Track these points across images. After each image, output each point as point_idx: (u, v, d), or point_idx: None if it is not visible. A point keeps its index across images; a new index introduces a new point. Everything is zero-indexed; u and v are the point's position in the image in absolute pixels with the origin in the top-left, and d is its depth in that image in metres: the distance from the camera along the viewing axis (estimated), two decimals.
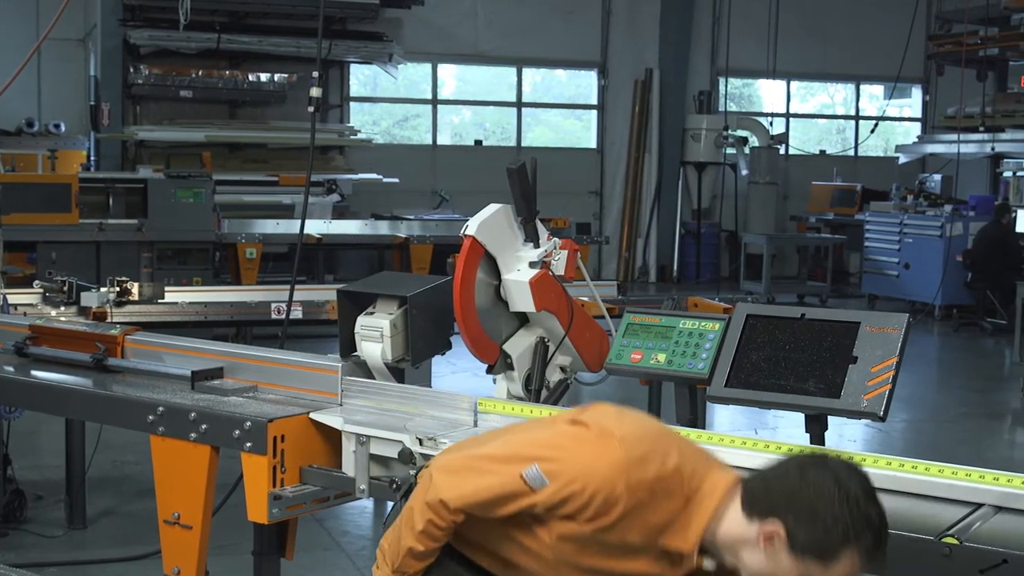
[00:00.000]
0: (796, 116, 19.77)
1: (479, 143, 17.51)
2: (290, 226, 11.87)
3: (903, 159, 18.37)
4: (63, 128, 14.29)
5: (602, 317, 3.90)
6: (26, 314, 5.39)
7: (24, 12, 14.12)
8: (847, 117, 20.26)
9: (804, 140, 19.96)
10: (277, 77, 14.97)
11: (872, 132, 18.62)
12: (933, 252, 14.16)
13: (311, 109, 4.97)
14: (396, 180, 15.43)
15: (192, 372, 3.59)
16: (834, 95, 20.48)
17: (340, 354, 3.55)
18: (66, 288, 5.72)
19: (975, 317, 13.67)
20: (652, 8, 17.66)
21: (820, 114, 20.59)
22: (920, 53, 18.15)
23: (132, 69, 14.31)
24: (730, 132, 16.83)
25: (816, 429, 3.25)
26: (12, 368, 3.94)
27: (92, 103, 14.40)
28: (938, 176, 16.81)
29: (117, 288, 5.77)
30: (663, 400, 5.54)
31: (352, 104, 16.67)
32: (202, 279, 10.64)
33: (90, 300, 5.68)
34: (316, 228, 11.93)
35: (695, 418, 3.57)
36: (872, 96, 20.20)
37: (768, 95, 19.52)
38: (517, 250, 3.53)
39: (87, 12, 14.60)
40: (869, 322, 3.13)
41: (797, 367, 3.16)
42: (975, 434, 8.80)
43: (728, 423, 8.35)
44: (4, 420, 5.51)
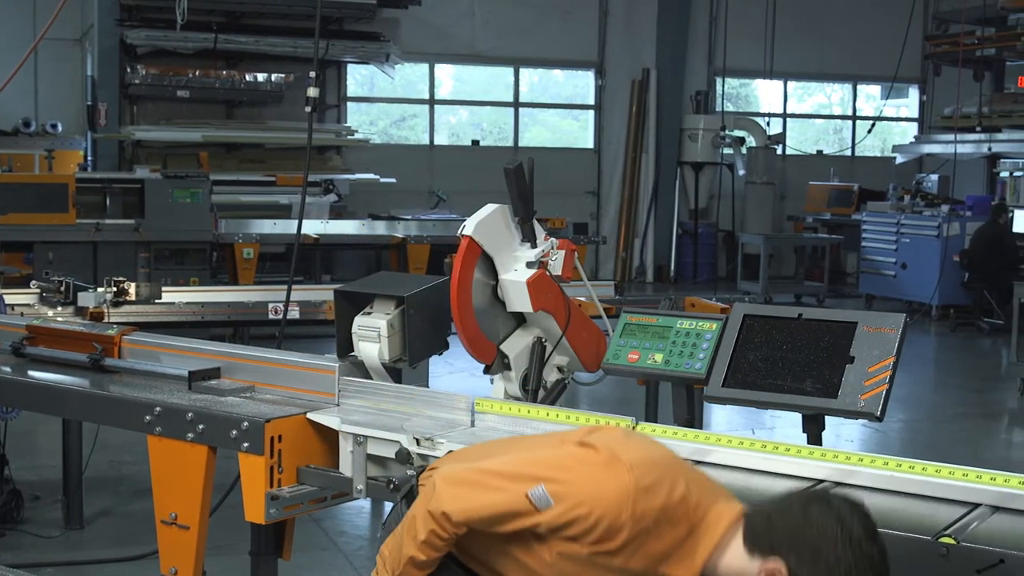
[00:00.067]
0: (793, 116, 19.77)
1: (476, 143, 17.50)
2: (287, 226, 11.88)
3: (900, 159, 18.38)
4: (60, 128, 14.29)
5: (599, 317, 3.89)
6: (23, 314, 5.39)
7: (21, 12, 14.11)
8: (844, 117, 20.26)
9: (801, 140, 19.97)
10: (274, 77, 14.97)
11: (869, 132, 18.66)
12: (930, 252, 14.17)
13: (308, 109, 4.97)
14: (393, 180, 15.44)
15: (189, 372, 3.59)
16: (831, 95, 20.49)
17: (337, 354, 3.55)
18: (63, 288, 5.71)
19: (972, 317, 13.68)
20: (649, 8, 17.66)
21: (817, 114, 20.60)
22: (917, 53, 18.17)
23: (129, 69, 14.30)
24: (727, 132, 16.82)
25: (813, 429, 3.24)
26: (9, 368, 3.93)
27: (89, 103, 14.40)
28: (935, 176, 16.82)
29: (114, 288, 5.77)
30: (660, 400, 5.56)
31: (349, 104, 16.66)
32: (199, 279, 10.63)
33: (87, 300, 5.68)
34: (313, 228, 11.93)
35: (692, 418, 3.56)
36: (869, 96, 20.21)
37: (765, 95, 19.54)
38: (514, 250, 3.53)
39: (84, 12, 14.59)
40: (866, 322, 3.13)
41: (794, 367, 3.16)
42: (972, 434, 8.81)
43: (725, 423, 8.35)
44: (1, 420, 5.50)
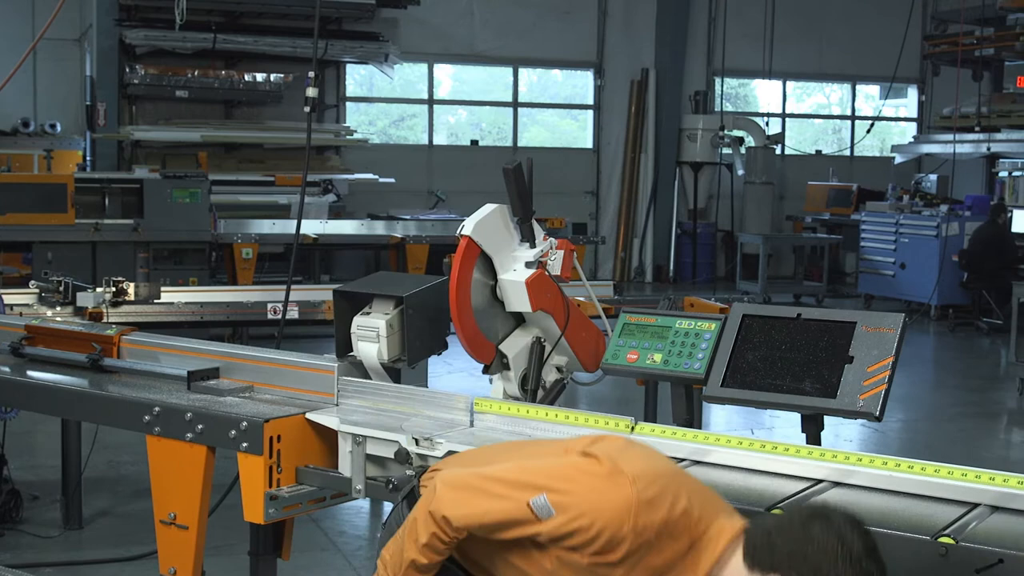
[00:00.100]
0: (792, 116, 19.78)
1: (475, 143, 17.50)
2: (286, 226, 11.89)
3: (899, 159, 18.39)
4: (59, 128, 14.30)
5: (598, 317, 3.89)
6: (22, 314, 5.39)
7: (20, 12, 14.12)
8: (843, 117, 20.27)
9: (800, 140, 19.97)
10: (273, 77, 14.97)
11: (868, 132, 18.67)
12: (929, 252, 14.17)
13: (307, 109, 4.97)
14: (392, 180, 15.44)
15: (188, 372, 3.58)
16: (830, 95, 20.49)
17: (336, 354, 3.54)
18: (62, 288, 5.72)
19: (971, 317, 13.68)
20: (648, 8, 17.67)
21: (816, 114, 20.60)
22: (916, 53, 18.18)
23: (128, 69, 14.30)
24: (726, 132, 16.82)
25: (812, 429, 3.24)
26: (8, 368, 3.93)
27: (88, 103, 14.40)
28: (934, 176, 16.84)
29: (113, 288, 5.77)
30: (659, 400, 5.56)
31: (348, 104, 16.66)
32: (198, 279, 10.63)
33: (86, 300, 5.68)
34: (312, 228, 11.93)
35: (691, 418, 3.56)
36: (868, 96, 20.21)
37: (764, 95, 19.54)
38: (513, 250, 3.52)
39: (83, 12, 14.59)
40: (865, 322, 3.13)
41: (793, 367, 3.15)
42: (971, 434, 8.81)
43: (724, 423, 8.36)
44: (0, 420, 5.50)
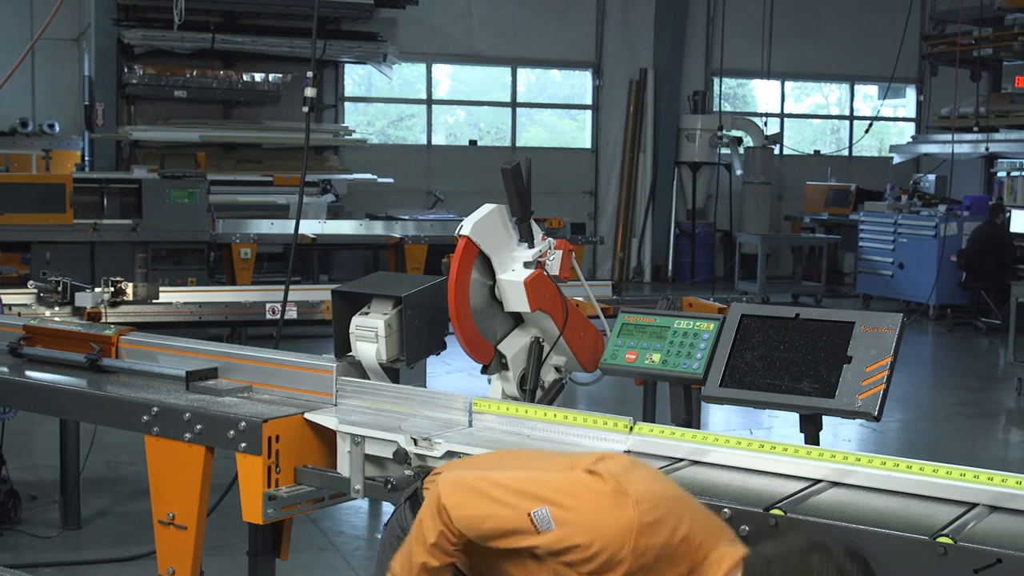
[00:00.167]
0: (790, 116, 19.79)
1: (474, 143, 17.50)
2: (285, 226, 11.89)
3: (897, 159, 18.41)
4: (57, 128, 14.29)
5: (597, 317, 3.89)
6: (20, 314, 5.38)
7: (18, 11, 14.11)
8: (841, 117, 20.28)
9: (798, 140, 19.98)
10: (271, 77, 14.98)
11: (866, 132, 18.68)
12: (927, 252, 14.18)
13: (306, 109, 4.96)
14: (391, 180, 15.44)
15: (187, 372, 3.58)
16: (828, 95, 20.49)
17: (335, 354, 3.54)
18: (60, 288, 5.71)
19: (969, 317, 13.69)
20: (646, 8, 17.67)
21: (814, 114, 20.61)
22: (914, 53, 18.20)
23: (126, 69, 14.30)
24: (725, 132, 16.83)
25: (811, 429, 3.24)
26: (6, 368, 3.93)
27: (86, 103, 14.39)
28: (932, 176, 16.85)
29: (111, 288, 5.76)
30: (658, 400, 5.56)
31: (347, 104, 16.67)
32: (197, 279, 10.63)
33: (84, 300, 5.68)
34: (311, 228, 11.93)
35: (690, 418, 3.56)
36: (866, 96, 20.22)
37: (762, 95, 19.55)
38: (512, 250, 3.52)
39: (81, 12, 14.58)
40: (863, 322, 3.13)
41: (792, 367, 3.15)
42: (969, 434, 8.81)
43: (723, 423, 8.36)
44: None
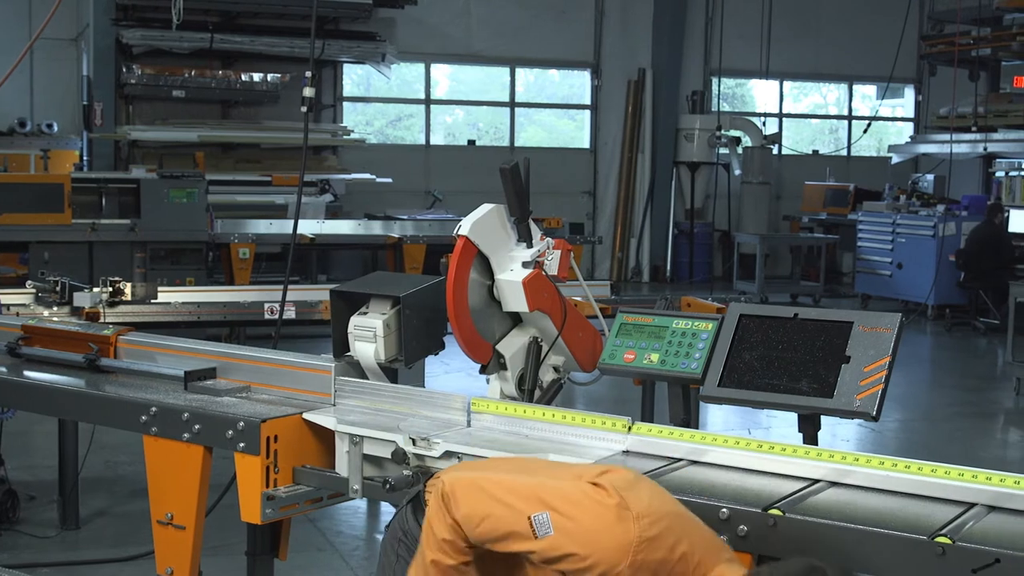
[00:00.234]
0: (789, 116, 19.79)
1: (472, 143, 17.50)
2: (283, 226, 11.90)
3: (896, 159, 18.41)
4: (56, 128, 14.29)
5: (595, 317, 3.89)
6: (19, 314, 5.38)
7: (17, 11, 14.11)
8: (840, 117, 20.28)
9: (797, 140, 19.98)
10: (270, 77, 14.97)
11: (865, 132, 18.69)
12: (926, 252, 14.18)
13: (304, 109, 4.96)
14: (389, 180, 15.44)
15: (185, 372, 3.58)
16: (827, 95, 20.50)
17: (333, 354, 3.54)
18: (59, 288, 5.71)
19: (968, 317, 13.69)
20: (645, 8, 17.67)
21: (813, 114, 20.61)
22: (913, 53, 18.21)
23: (125, 69, 14.29)
24: (723, 132, 16.83)
25: (809, 429, 3.24)
26: (5, 368, 3.92)
27: (85, 103, 14.38)
28: (931, 176, 16.85)
29: (110, 288, 5.76)
30: (656, 400, 5.56)
31: (345, 104, 16.66)
32: (195, 279, 10.63)
33: (83, 300, 5.68)
34: (309, 228, 11.93)
35: (688, 418, 3.56)
36: (865, 96, 20.22)
37: (761, 95, 19.55)
38: (510, 250, 3.52)
39: (80, 12, 14.58)
40: (862, 322, 3.13)
41: (790, 367, 3.15)
42: (968, 433, 8.82)
43: (722, 423, 8.36)
44: None
